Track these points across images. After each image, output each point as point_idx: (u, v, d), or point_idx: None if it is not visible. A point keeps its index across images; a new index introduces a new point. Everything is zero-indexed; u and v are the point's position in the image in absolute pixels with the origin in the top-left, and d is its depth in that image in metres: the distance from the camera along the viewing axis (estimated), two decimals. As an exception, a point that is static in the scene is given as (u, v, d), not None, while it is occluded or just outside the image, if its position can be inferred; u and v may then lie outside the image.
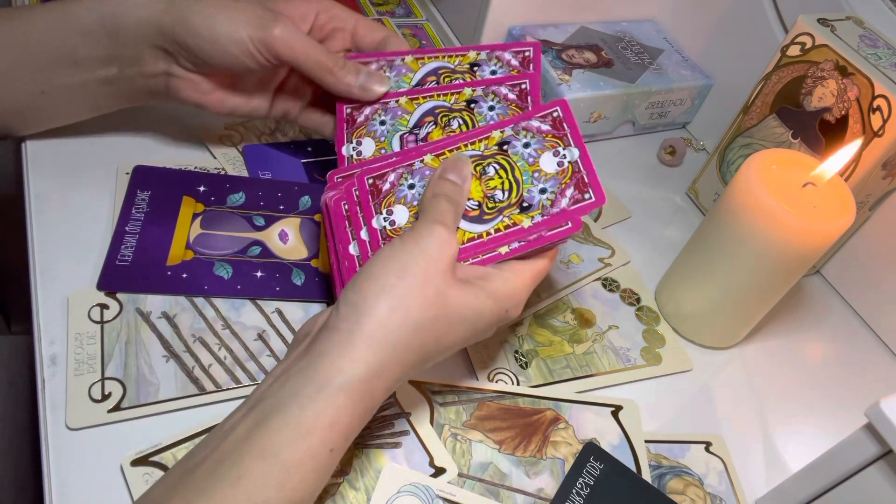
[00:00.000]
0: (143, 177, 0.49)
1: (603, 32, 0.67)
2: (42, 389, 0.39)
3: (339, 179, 0.43)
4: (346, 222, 0.41)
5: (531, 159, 0.40)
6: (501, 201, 0.39)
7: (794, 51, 0.50)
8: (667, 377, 0.49)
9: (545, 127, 0.41)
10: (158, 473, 0.36)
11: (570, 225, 0.37)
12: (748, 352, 0.52)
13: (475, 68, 0.43)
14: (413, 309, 0.34)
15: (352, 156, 0.42)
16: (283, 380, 0.33)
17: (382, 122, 0.43)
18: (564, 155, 0.40)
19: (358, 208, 0.41)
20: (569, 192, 0.38)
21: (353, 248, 0.40)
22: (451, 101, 0.43)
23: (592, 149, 0.64)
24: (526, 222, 0.38)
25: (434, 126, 0.43)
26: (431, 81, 0.44)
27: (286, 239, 0.48)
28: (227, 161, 0.53)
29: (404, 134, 0.43)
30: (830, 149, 0.47)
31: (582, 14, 0.67)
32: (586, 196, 0.38)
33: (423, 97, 0.43)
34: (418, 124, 0.43)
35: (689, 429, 0.46)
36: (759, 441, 0.47)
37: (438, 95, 0.43)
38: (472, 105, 0.42)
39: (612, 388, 0.47)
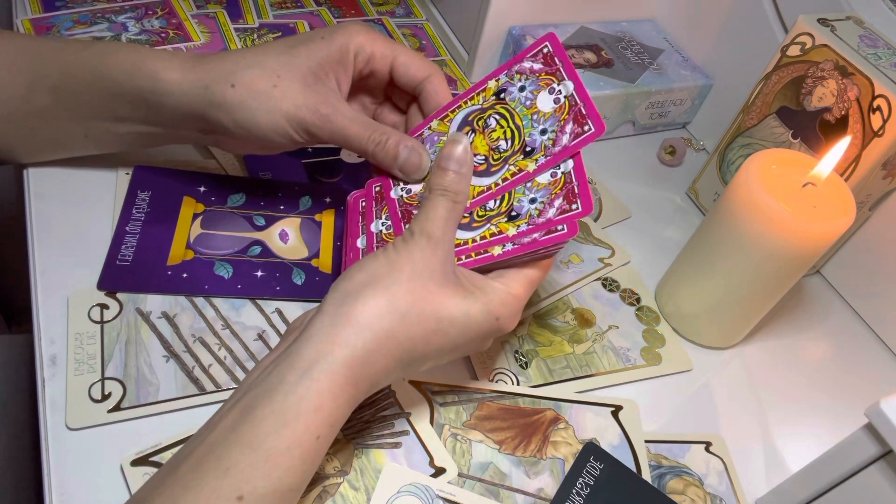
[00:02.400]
0: (143, 177, 0.49)
1: (603, 32, 0.67)
2: (42, 389, 0.39)
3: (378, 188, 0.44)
4: (360, 217, 0.42)
5: (528, 103, 0.40)
6: (506, 150, 0.39)
7: (794, 51, 0.50)
8: (667, 377, 0.49)
9: (537, 66, 0.40)
10: (158, 473, 0.36)
11: (565, 229, 0.36)
12: (748, 352, 0.52)
13: (502, 95, 0.41)
14: (399, 298, 0.34)
15: (380, 230, 0.42)
16: (270, 368, 0.33)
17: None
18: (560, 90, 0.39)
19: (374, 203, 0.42)
20: (557, 202, 0.37)
21: (360, 242, 0.41)
22: (481, 101, 0.41)
23: (592, 149, 0.64)
24: (511, 230, 0.38)
25: (474, 133, 0.41)
26: (468, 131, 0.42)
27: (286, 239, 0.48)
28: (227, 161, 0.53)
29: None
30: (830, 149, 0.47)
31: (582, 14, 0.67)
32: (574, 206, 0.37)
33: (452, 111, 0.42)
34: None
35: (689, 429, 0.46)
36: (759, 441, 0.47)
37: (465, 103, 0.42)
38: (503, 94, 0.41)
39: (612, 388, 0.47)
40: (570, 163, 0.38)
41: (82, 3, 0.62)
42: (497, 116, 0.40)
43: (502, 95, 0.41)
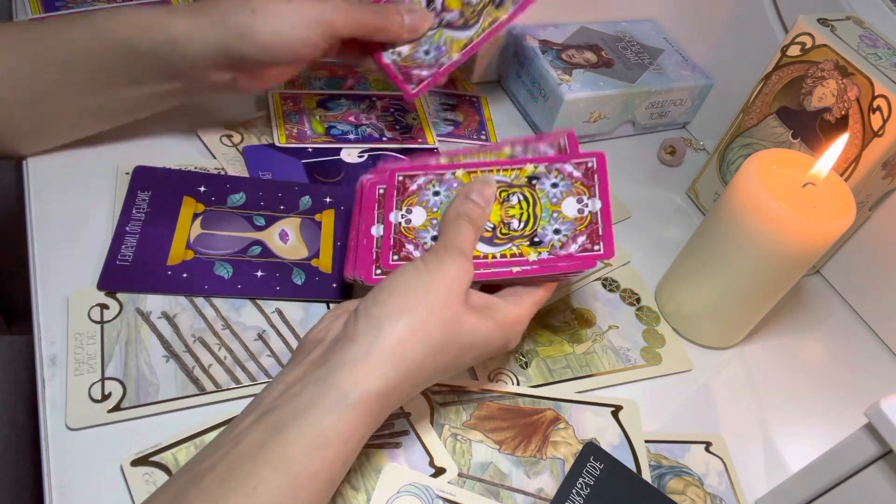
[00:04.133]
0: (143, 177, 0.49)
1: (603, 32, 0.67)
2: (42, 389, 0.39)
3: (401, 178, 0.44)
4: (377, 204, 0.43)
5: (555, 199, 0.41)
6: (515, 230, 0.40)
7: (794, 51, 0.50)
8: (667, 377, 0.49)
9: (577, 174, 0.42)
10: (158, 473, 0.36)
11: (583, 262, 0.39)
12: (748, 352, 0.52)
13: (534, 181, 0.42)
14: (433, 333, 0.34)
15: (399, 223, 0.42)
16: (297, 388, 0.33)
17: (436, 193, 0.43)
18: (587, 204, 0.41)
19: (395, 193, 0.43)
20: (581, 239, 0.40)
21: (375, 230, 0.42)
22: (512, 177, 0.42)
23: (592, 149, 0.64)
24: (532, 256, 0.39)
25: (493, 200, 0.42)
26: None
27: (286, 239, 0.48)
28: (228, 161, 0.53)
29: None
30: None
31: (582, 14, 0.67)
32: (596, 247, 0.39)
33: (482, 171, 0.43)
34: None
35: (689, 429, 0.46)
36: (759, 441, 0.47)
37: (498, 170, 0.43)
38: (534, 181, 0.42)
39: (612, 388, 0.47)
40: (598, 203, 0.40)
41: (82, 3, 0.62)
42: (521, 196, 0.42)
43: (534, 182, 0.42)
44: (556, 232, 0.40)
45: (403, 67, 0.47)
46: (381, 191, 0.43)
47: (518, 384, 0.45)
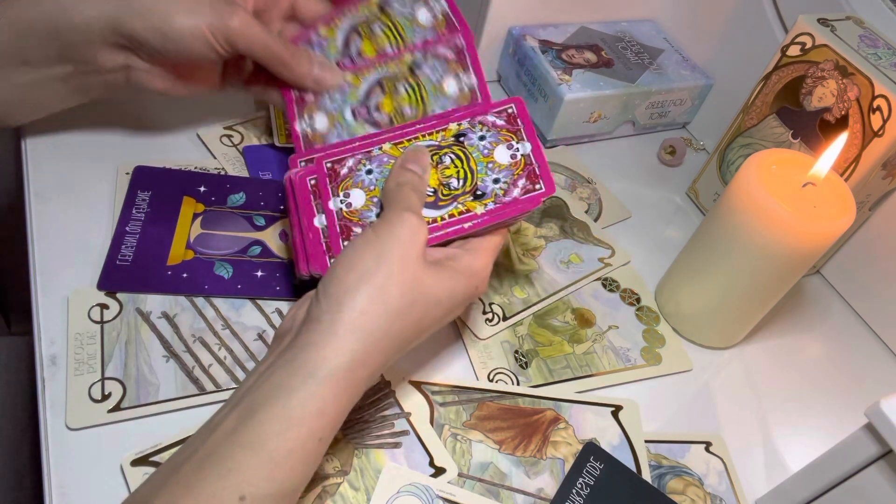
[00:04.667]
0: (143, 177, 0.49)
1: (603, 32, 0.67)
2: (42, 389, 0.39)
3: (303, 163, 0.44)
4: (312, 196, 0.42)
5: (486, 151, 0.42)
6: (456, 189, 0.41)
7: (794, 51, 0.50)
8: (667, 377, 0.49)
9: (500, 122, 0.43)
10: (158, 473, 0.36)
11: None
12: (748, 352, 0.52)
13: (462, 139, 0.43)
14: (392, 297, 0.34)
15: (340, 208, 0.42)
16: (268, 374, 0.33)
17: (370, 172, 0.42)
18: (518, 148, 0.42)
19: (328, 181, 0.42)
20: (521, 182, 0.41)
21: (318, 221, 0.41)
22: (439, 139, 0.43)
23: (592, 149, 0.64)
24: (479, 209, 0.40)
25: (382, 95, 0.44)
26: (377, 93, 0.45)
27: (286, 239, 0.48)
28: (228, 161, 0.53)
29: (354, 105, 0.45)
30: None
31: (582, 14, 0.67)
32: (537, 186, 0.41)
33: (408, 140, 0.43)
34: (368, 94, 0.45)
35: (689, 429, 0.46)
36: (759, 441, 0.47)
37: (423, 136, 0.43)
38: (462, 138, 0.43)
39: (612, 388, 0.47)
40: (528, 145, 0.42)
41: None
42: (453, 156, 0.42)
43: (461, 139, 0.43)
44: (496, 182, 0.41)
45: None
46: (313, 181, 0.42)
47: (518, 384, 0.45)
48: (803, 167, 0.44)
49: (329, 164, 0.43)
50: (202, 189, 0.50)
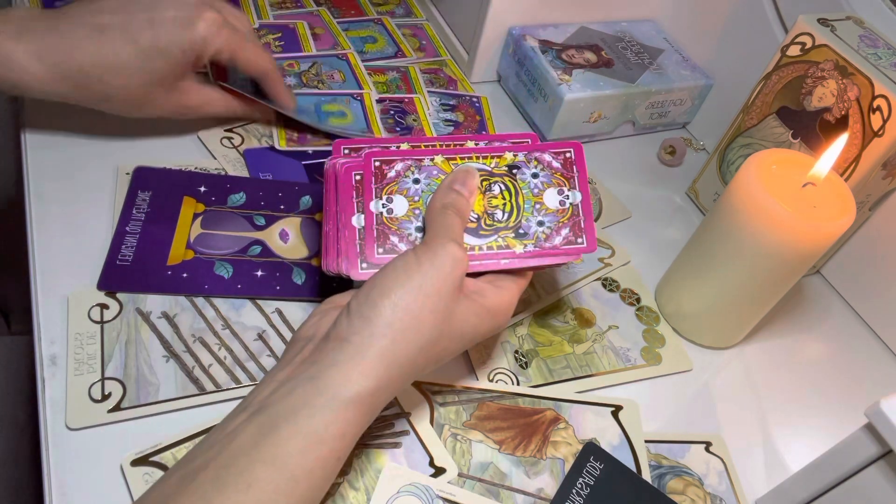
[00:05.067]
0: (143, 177, 0.49)
1: (603, 32, 0.67)
2: (42, 389, 0.39)
3: (347, 151, 0.43)
4: (354, 192, 0.41)
5: (536, 190, 0.41)
6: (500, 221, 0.40)
7: (794, 51, 0.50)
8: (667, 377, 0.49)
9: (556, 164, 0.42)
10: (158, 473, 0.36)
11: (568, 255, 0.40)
12: (748, 352, 0.52)
13: (514, 171, 0.42)
14: (426, 328, 0.34)
15: (381, 213, 0.40)
16: (289, 387, 0.33)
17: (416, 181, 0.41)
18: (567, 196, 0.41)
19: (373, 179, 0.41)
20: (564, 231, 0.41)
21: (356, 220, 0.40)
22: (492, 166, 0.42)
23: (592, 149, 0.64)
24: (519, 248, 0.40)
25: (477, 191, 0.42)
26: None
27: (287, 238, 0.48)
28: (228, 162, 0.53)
29: None
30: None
31: (582, 14, 0.67)
32: (579, 241, 0.40)
33: (461, 158, 0.42)
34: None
35: (689, 429, 0.46)
36: (759, 441, 0.47)
37: (478, 158, 0.42)
38: (515, 171, 0.42)
39: (612, 388, 0.47)
40: (579, 195, 0.41)
41: (82, 3, 0.62)
42: (502, 186, 0.41)
43: (514, 171, 0.42)
44: (540, 224, 0.40)
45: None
46: (358, 177, 0.41)
47: (518, 384, 0.45)
48: (803, 167, 0.44)
49: (377, 163, 0.41)
50: (202, 189, 0.50)
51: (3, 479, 0.51)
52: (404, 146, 0.43)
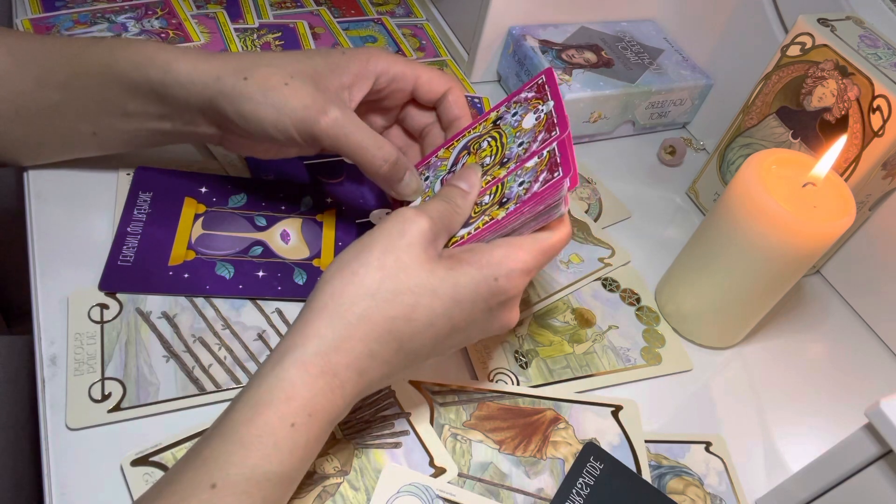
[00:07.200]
0: (144, 178, 0.49)
1: (603, 32, 0.67)
2: (42, 389, 0.39)
3: None
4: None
5: (516, 122, 0.42)
6: (486, 204, 0.40)
7: (794, 51, 0.50)
8: (667, 377, 0.49)
9: (531, 95, 0.43)
10: (158, 473, 0.36)
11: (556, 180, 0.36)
12: (748, 352, 0.52)
13: (499, 122, 0.43)
14: (367, 280, 0.34)
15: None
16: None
17: (426, 178, 0.44)
18: (542, 110, 0.41)
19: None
20: (542, 176, 0.38)
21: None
22: (481, 130, 0.44)
23: (592, 149, 0.64)
24: (501, 214, 0.38)
25: (468, 155, 0.43)
26: (464, 156, 0.43)
27: (288, 239, 0.48)
28: (229, 163, 0.53)
29: (444, 176, 0.43)
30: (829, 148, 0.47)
31: (582, 14, 0.67)
32: (556, 174, 0.37)
33: (457, 140, 0.45)
34: (455, 162, 0.44)
35: (689, 429, 0.46)
36: (759, 441, 0.47)
37: (469, 133, 0.44)
38: (499, 121, 0.43)
39: (612, 388, 0.47)
40: (551, 103, 0.41)
41: (82, 3, 0.62)
42: (490, 139, 0.42)
43: (498, 122, 0.43)
44: (521, 185, 0.38)
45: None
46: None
47: (518, 384, 0.45)
48: (803, 167, 0.44)
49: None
50: (203, 190, 0.50)
51: (3, 479, 0.51)
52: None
